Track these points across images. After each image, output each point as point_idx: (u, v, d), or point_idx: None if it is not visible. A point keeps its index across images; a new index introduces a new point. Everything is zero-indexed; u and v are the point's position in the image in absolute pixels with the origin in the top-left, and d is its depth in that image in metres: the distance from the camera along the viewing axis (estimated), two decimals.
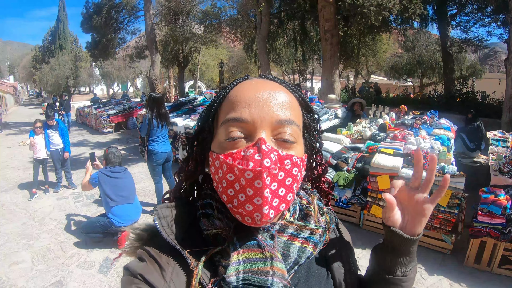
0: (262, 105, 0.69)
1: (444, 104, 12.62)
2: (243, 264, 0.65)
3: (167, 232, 0.71)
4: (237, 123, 0.69)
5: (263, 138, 0.66)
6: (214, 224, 0.72)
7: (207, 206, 0.76)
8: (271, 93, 0.71)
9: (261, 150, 0.64)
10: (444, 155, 5.09)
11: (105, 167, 4.84)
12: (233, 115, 0.69)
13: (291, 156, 0.69)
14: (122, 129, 16.09)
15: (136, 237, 0.77)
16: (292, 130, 0.71)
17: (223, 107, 0.74)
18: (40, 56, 45.54)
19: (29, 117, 23.23)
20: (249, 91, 0.71)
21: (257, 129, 0.68)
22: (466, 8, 15.06)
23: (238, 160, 0.65)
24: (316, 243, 0.75)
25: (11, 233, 5.37)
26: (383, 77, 35.44)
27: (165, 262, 0.68)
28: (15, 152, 11.79)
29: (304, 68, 29.07)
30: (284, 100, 0.72)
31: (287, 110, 0.71)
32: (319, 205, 0.86)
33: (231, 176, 0.65)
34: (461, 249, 4.32)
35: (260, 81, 0.76)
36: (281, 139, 0.69)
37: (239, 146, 0.68)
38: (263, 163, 0.62)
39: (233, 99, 0.72)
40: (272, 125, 0.69)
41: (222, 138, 0.70)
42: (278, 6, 17.34)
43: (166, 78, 26.91)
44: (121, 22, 18.30)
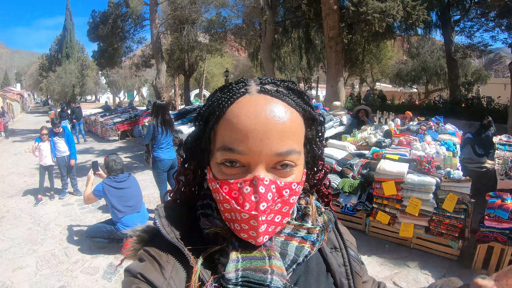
0: (260, 138, 0.64)
1: (449, 110, 12.57)
2: (241, 261, 0.65)
3: (167, 230, 0.71)
4: (236, 152, 0.65)
5: (259, 177, 0.64)
6: (215, 223, 0.73)
7: (207, 206, 0.77)
8: (270, 122, 0.65)
9: (257, 191, 0.63)
10: (449, 160, 5.08)
11: (109, 177, 4.76)
12: (229, 145, 0.66)
13: (290, 185, 0.68)
14: (128, 137, 16.17)
15: (137, 239, 0.77)
16: (292, 158, 0.68)
17: (221, 125, 0.69)
18: (47, 64, 46.11)
19: (35, 124, 23.38)
20: (247, 118, 0.65)
21: (254, 162, 0.66)
22: (470, 14, 15.04)
23: (235, 192, 0.66)
24: (313, 242, 0.76)
25: (16, 238, 5.39)
26: (388, 84, 35.40)
27: (165, 261, 0.68)
28: (21, 159, 11.88)
29: (309, 76, 29.02)
30: (285, 127, 0.66)
31: (288, 139, 0.67)
32: (317, 205, 0.86)
33: (228, 205, 0.66)
34: (468, 255, 4.29)
35: (260, 100, 0.68)
36: (280, 165, 0.67)
37: (236, 174, 0.67)
38: (259, 208, 0.63)
39: (230, 121, 0.67)
40: (270, 158, 0.65)
41: (219, 160, 0.68)
42: (283, 15, 17.42)
43: (172, 87, 27.02)
44: (127, 31, 18.45)
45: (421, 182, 4.46)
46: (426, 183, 4.42)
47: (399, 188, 4.65)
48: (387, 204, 4.84)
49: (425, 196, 4.43)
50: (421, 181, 4.47)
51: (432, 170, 4.65)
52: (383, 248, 4.78)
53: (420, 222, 4.54)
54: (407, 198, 4.57)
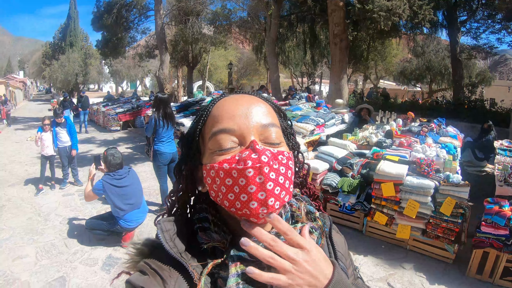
0: (244, 115, 0.74)
1: (452, 111, 12.54)
2: (242, 275, 0.66)
3: (170, 245, 0.72)
4: (225, 134, 0.72)
5: (255, 140, 0.70)
6: (212, 237, 0.74)
7: (204, 220, 0.78)
8: (250, 104, 0.76)
9: (256, 150, 0.67)
10: (449, 164, 5.08)
11: (108, 174, 4.70)
12: (219, 127, 0.73)
13: (283, 152, 0.73)
14: (130, 127, 16.17)
15: (137, 252, 0.78)
16: (276, 132, 0.76)
17: (208, 124, 0.78)
18: (50, 52, 45.95)
19: (37, 112, 23.43)
20: (229, 106, 0.77)
21: (245, 135, 0.72)
22: (477, 15, 14.91)
23: (235, 164, 0.68)
24: None
25: (16, 227, 5.44)
26: (392, 82, 35.26)
27: (167, 275, 0.69)
28: (23, 147, 11.93)
29: (313, 71, 28.96)
30: (263, 108, 0.77)
31: (267, 116, 0.77)
32: (311, 210, 0.87)
33: (229, 180, 0.67)
34: (464, 259, 4.29)
35: (237, 96, 0.81)
36: (268, 142, 0.74)
37: (233, 153, 0.71)
38: (261, 159, 0.65)
39: (216, 114, 0.77)
40: (257, 130, 0.73)
41: (214, 149, 0.73)
42: (288, 9, 17.34)
43: (175, 78, 26.96)
44: (131, 21, 18.35)
45: (420, 185, 4.47)
46: (425, 186, 4.43)
47: (398, 189, 4.65)
48: (385, 205, 4.85)
49: (423, 199, 4.44)
50: (420, 184, 4.48)
51: (431, 173, 4.65)
52: (379, 249, 4.80)
53: (417, 224, 4.55)
54: (405, 200, 4.58)
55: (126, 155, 10.25)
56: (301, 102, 11.03)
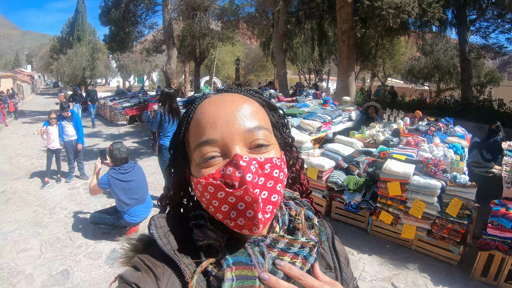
0: (227, 121, 0.70)
1: (459, 111, 12.43)
2: (236, 281, 0.65)
3: (163, 242, 0.71)
4: (208, 144, 0.70)
5: (238, 154, 0.67)
6: (208, 234, 0.73)
7: (199, 217, 0.77)
8: (232, 107, 0.73)
9: (239, 167, 0.65)
10: (457, 164, 5.04)
11: (114, 168, 4.71)
12: (202, 138, 0.70)
13: (271, 159, 0.70)
14: (136, 122, 16.22)
15: (132, 247, 0.77)
16: (263, 135, 0.72)
17: (191, 131, 0.75)
18: (58, 46, 46.26)
19: (45, 106, 23.56)
20: (211, 111, 0.73)
21: (228, 145, 0.69)
22: (486, 14, 14.74)
23: (220, 179, 0.67)
24: (306, 257, 0.75)
25: (21, 220, 5.48)
26: (400, 80, 35.10)
27: (161, 272, 0.68)
28: (30, 141, 12.00)
29: (320, 68, 28.86)
30: (247, 109, 0.73)
31: (252, 117, 0.73)
32: (310, 216, 0.85)
33: (222, 193, 0.66)
34: (469, 261, 4.26)
35: (218, 97, 0.77)
36: (255, 146, 0.71)
37: (216, 165, 0.69)
38: (245, 179, 0.63)
39: (198, 121, 0.73)
40: (242, 136, 0.70)
41: (198, 161, 0.71)
42: (296, 5, 17.24)
43: (182, 73, 27.00)
44: (139, 16, 18.40)
45: (427, 184, 4.43)
46: (432, 186, 4.40)
47: (404, 189, 4.62)
48: (391, 205, 4.82)
49: (429, 199, 4.40)
50: (426, 183, 4.44)
51: (438, 173, 4.61)
52: (384, 248, 4.77)
53: (423, 224, 4.52)
54: (411, 200, 4.54)
55: (132, 150, 10.28)
56: (308, 99, 10.99)
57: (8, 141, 12.14)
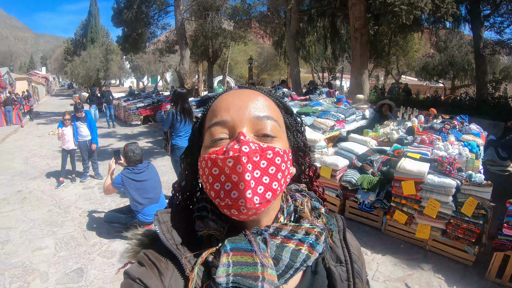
0: (239, 107, 0.74)
1: (475, 108, 12.25)
2: (232, 266, 0.65)
3: (166, 237, 0.72)
4: (219, 126, 0.73)
5: (242, 132, 0.70)
6: (208, 225, 0.74)
7: (202, 209, 0.78)
8: (247, 97, 0.76)
9: (239, 140, 0.68)
10: (472, 163, 4.96)
11: (127, 168, 4.76)
12: (215, 119, 0.74)
13: (273, 148, 0.71)
14: (150, 122, 16.35)
15: (138, 242, 0.79)
16: (272, 126, 0.74)
17: (207, 118, 0.79)
18: (72, 48, 46.86)
19: (59, 107, 23.93)
20: (227, 98, 0.77)
21: (236, 127, 0.72)
22: (500, 9, 14.41)
23: (221, 155, 0.68)
24: (312, 244, 0.73)
25: (36, 219, 5.57)
26: (414, 78, 34.75)
27: (164, 267, 0.69)
28: (45, 141, 12.20)
29: (333, 66, 28.72)
30: (261, 101, 0.77)
31: (264, 109, 0.76)
32: (316, 206, 0.85)
33: (216, 169, 0.68)
34: (484, 262, 4.19)
35: (237, 90, 0.81)
36: (261, 134, 0.73)
37: (223, 145, 0.71)
38: (241, 149, 0.65)
39: (214, 108, 0.77)
40: (251, 121, 0.73)
41: (207, 142, 0.74)
42: (308, 3, 17.14)
43: (196, 73, 27.13)
44: (151, 17, 18.52)
45: (441, 183, 4.38)
46: (446, 185, 4.34)
47: (419, 188, 4.57)
48: (405, 204, 4.77)
49: (444, 199, 4.35)
50: (441, 182, 4.39)
51: (453, 172, 4.55)
52: (398, 248, 4.73)
53: (437, 224, 4.47)
54: (426, 199, 4.49)
55: (146, 149, 10.37)
56: (322, 97, 10.96)
57: (24, 142, 12.35)
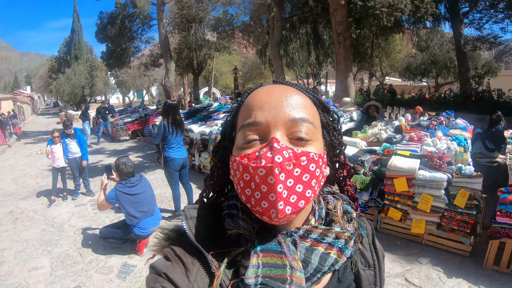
0: (274, 106, 0.71)
1: (460, 103, 12.44)
2: (262, 268, 0.64)
3: (193, 232, 0.72)
4: (252, 127, 0.71)
5: (275, 137, 0.67)
6: (238, 224, 0.73)
7: (232, 207, 0.77)
8: (282, 95, 0.73)
9: (273, 148, 0.65)
10: (461, 156, 5.04)
11: (120, 183, 4.72)
12: (248, 120, 0.71)
13: (308, 153, 0.68)
14: (139, 136, 16.26)
15: (165, 236, 0.78)
16: (307, 128, 0.71)
17: (240, 114, 0.76)
18: (56, 66, 46.53)
19: (46, 126, 23.68)
20: (261, 96, 0.74)
21: (271, 130, 0.69)
22: (479, 5, 14.73)
23: (253, 160, 0.66)
24: (341, 248, 0.73)
25: (30, 239, 5.48)
26: (398, 78, 35.17)
27: (190, 262, 0.69)
28: (34, 161, 12.05)
29: (318, 72, 28.94)
30: (297, 101, 0.73)
31: (300, 109, 0.72)
32: (348, 210, 0.84)
33: (247, 175, 0.67)
34: (480, 251, 4.26)
35: (272, 86, 0.78)
36: (295, 138, 0.70)
37: (255, 148, 0.69)
38: (274, 159, 0.63)
39: (248, 105, 0.74)
40: (285, 124, 0.70)
41: (240, 143, 0.72)
42: (290, 11, 17.31)
43: (181, 85, 27.11)
44: (135, 32, 18.52)
45: (433, 178, 4.45)
46: (438, 179, 4.41)
47: (411, 184, 4.63)
48: (399, 201, 4.83)
49: (436, 192, 4.42)
50: (432, 177, 4.46)
51: (443, 166, 4.62)
52: (395, 245, 4.77)
53: (432, 218, 4.53)
54: (419, 195, 4.56)
55: (136, 164, 10.29)
56: None
57: (12, 162, 12.20)
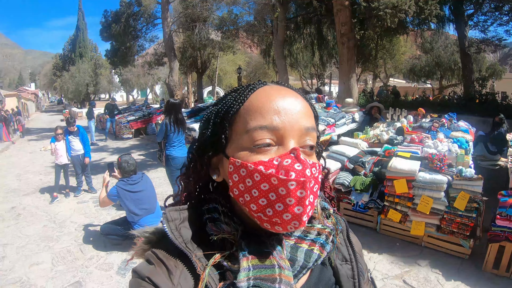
0: (291, 112, 0.68)
1: (463, 106, 12.40)
2: (252, 270, 0.64)
3: (175, 235, 0.70)
4: (267, 130, 0.66)
5: (298, 148, 0.65)
6: (221, 228, 0.71)
7: (213, 210, 0.75)
8: (296, 101, 0.71)
9: (300, 160, 0.63)
10: (462, 158, 5.03)
11: (122, 180, 4.75)
12: (262, 122, 0.67)
13: (315, 164, 0.68)
14: (142, 134, 16.30)
15: (145, 240, 0.76)
16: (314, 138, 0.72)
17: (246, 113, 0.69)
18: (60, 64, 46.70)
19: (50, 123, 23.75)
20: (276, 98, 0.69)
21: (287, 136, 0.67)
22: (483, 8, 14.66)
23: (272, 170, 0.63)
24: (322, 244, 0.75)
25: (32, 235, 5.53)
26: (402, 80, 35.05)
27: (173, 265, 0.67)
28: (37, 157, 12.12)
29: (322, 72, 28.89)
30: (307, 108, 0.72)
31: (311, 117, 0.72)
32: (326, 206, 0.86)
33: (266, 185, 0.63)
34: (480, 254, 4.25)
35: (281, 88, 0.74)
36: (307, 146, 0.70)
37: (269, 154, 0.66)
38: (305, 173, 0.62)
39: (259, 105, 0.69)
40: (300, 132, 0.68)
41: (248, 145, 0.67)
42: (294, 11, 17.28)
43: (185, 84, 27.10)
44: (139, 30, 18.60)
45: (433, 180, 4.45)
46: (438, 181, 4.41)
47: (411, 186, 4.63)
48: (399, 202, 4.82)
49: (436, 195, 4.41)
50: (432, 179, 4.46)
51: (443, 168, 4.62)
52: (394, 246, 4.77)
53: (432, 220, 4.53)
54: (419, 196, 4.55)
55: (139, 162, 10.32)
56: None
57: (16, 158, 12.28)
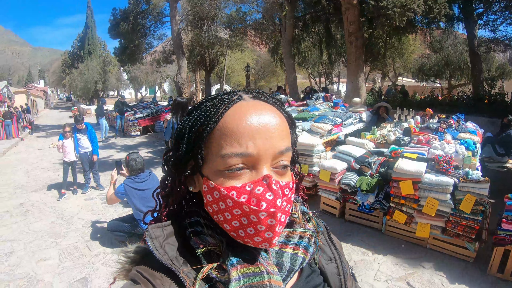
0: (265, 136, 0.67)
1: (472, 106, 12.30)
2: (243, 279, 0.65)
3: (160, 252, 0.68)
4: (241, 157, 0.65)
5: (270, 176, 0.66)
6: (206, 241, 0.71)
7: (195, 224, 0.75)
8: (271, 122, 0.69)
9: (271, 189, 0.64)
10: (469, 160, 4.99)
11: (130, 178, 4.76)
12: (237, 149, 0.65)
13: (288, 184, 0.70)
14: (150, 132, 16.38)
15: (128, 260, 0.74)
16: (288, 156, 0.72)
17: (220, 136, 0.68)
18: (69, 61, 47.14)
19: (59, 120, 23.97)
20: (251, 118, 0.67)
21: (260, 161, 0.67)
22: (493, 7, 14.47)
23: (244, 196, 0.64)
24: (306, 247, 0.77)
25: (40, 231, 5.61)
26: (411, 79, 34.83)
27: (159, 283, 0.66)
28: (45, 154, 12.28)
29: (330, 71, 28.76)
30: (283, 128, 0.71)
31: (287, 137, 0.72)
32: (305, 210, 0.88)
33: (238, 211, 0.65)
34: (485, 258, 4.22)
35: (257, 104, 0.72)
36: (280, 166, 0.70)
37: (242, 179, 0.67)
38: (276, 204, 0.63)
39: (233, 128, 0.67)
40: (274, 156, 0.68)
41: (221, 168, 0.67)
42: (303, 9, 17.25)
43: (193, 82, 27.18)
44: (147, 28, 18.65)
45: (439, 182, 4.42)
46: (444, 184, 4.38)
47: (417, 187, 4.61)
48: (404, 204, 4.81)
49: (442, 197, 4.39)
50: (438, 181, 4.43)
51: (450, 170, 4.59)
52: (399, 248, 4.76)
53: (437, 222, 4.50)
54: (424, 198, 4.53)
55: (146, 159, 10.34)
56: (319, 102, 11.00)
57: (25, 155, 12.42)
